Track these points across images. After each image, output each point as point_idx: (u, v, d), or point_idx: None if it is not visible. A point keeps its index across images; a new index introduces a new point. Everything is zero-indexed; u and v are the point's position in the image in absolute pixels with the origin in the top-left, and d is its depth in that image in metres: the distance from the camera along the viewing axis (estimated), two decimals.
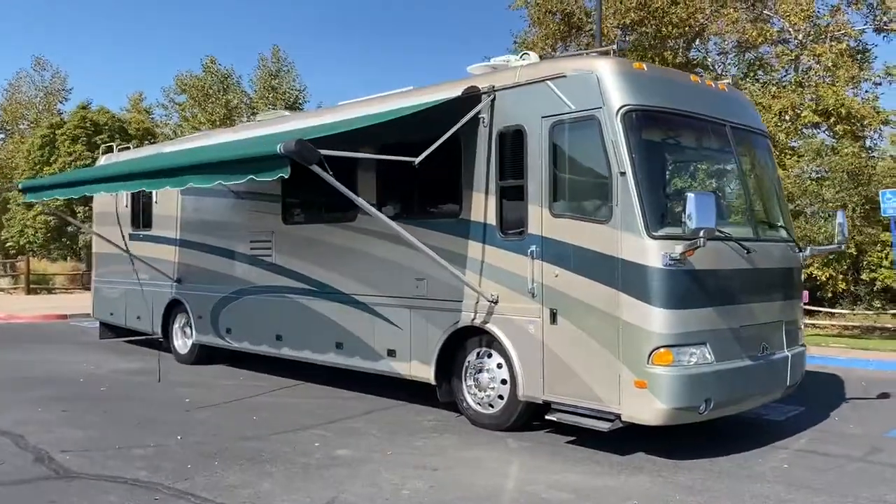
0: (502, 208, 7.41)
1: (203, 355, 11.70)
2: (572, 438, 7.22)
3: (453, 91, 7.72)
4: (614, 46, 6.92)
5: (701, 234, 5.95)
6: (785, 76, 22.95)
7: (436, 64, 77.12)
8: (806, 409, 8.55)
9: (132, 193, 12.61)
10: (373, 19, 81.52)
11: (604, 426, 6.52)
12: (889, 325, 18.76)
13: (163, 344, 12.36)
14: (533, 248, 7.05)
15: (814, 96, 20.64)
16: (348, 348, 8.97)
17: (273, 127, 9.88)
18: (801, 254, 7.81)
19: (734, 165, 7.43)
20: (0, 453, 6.75)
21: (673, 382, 6.23)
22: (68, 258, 33.31)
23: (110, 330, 14.41)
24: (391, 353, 8.45)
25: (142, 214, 12.77)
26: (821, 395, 9.32)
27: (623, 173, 6.35)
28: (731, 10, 22.08)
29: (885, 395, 9.75)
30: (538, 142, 7.03)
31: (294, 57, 59.97)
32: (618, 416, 6.49)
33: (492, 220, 7.47)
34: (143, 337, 14.09)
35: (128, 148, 14.51)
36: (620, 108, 6.47)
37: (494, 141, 7.44)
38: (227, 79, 37.16)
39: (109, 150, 14.33)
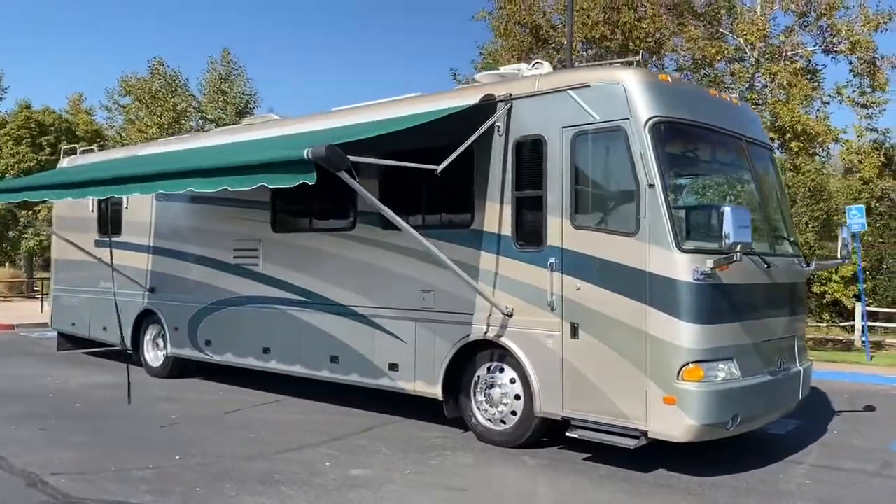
0: (518, 219, 7.22)
1: (176, 368, 11.19)
2: (588, 455, 7.07)
3: (466, 98, 7.51)
4: (638, 58, 6.79)
5: (738, 248, 5.88)
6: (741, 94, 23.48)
7: (396, 73, 76.96)
8: (803, 423, 8.59)
9: (99, 198, 12.04)
10: (329, 27, 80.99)
11: (630, 443, 6.38)
12: (840, 338, 19.31)
13: (132, 356, 11.79)
14: (552, 260, 6.89)
15: (770, 113, 21.14)
16: (345, 362, 8.64)
17: (265, 131, 9.49)
18: (807, 268, 7.84)
19: (751, 179, 7.42)
20: None
21: (703, 398, 6.13)
22: (6, 265, 31.81)
23: (68, 341, 13.73)
24: (393, 367, 8.17)
25: (110, 220, 12.14)
26: (811, 408, 9.38)
27: (651, 185, 6.24)
28: (692, 27, 22.53)
29: (870, 408, 9.91)
30: (559, 152, 6.88)
31: (245, 62, 58.94)
32: (644, 433, 6.35)
33: (507, 230, 7.28)
34: (104, 349, 13.49)
35: (92, 150, 13.89)
36: (649, 119, 6.36)
37: (511, 150, 7.26)
38: (174, 81, 36.14)
39: (72, 151, 13.65)
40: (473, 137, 7.04)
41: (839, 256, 7.97)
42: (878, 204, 23.52)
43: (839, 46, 23.76)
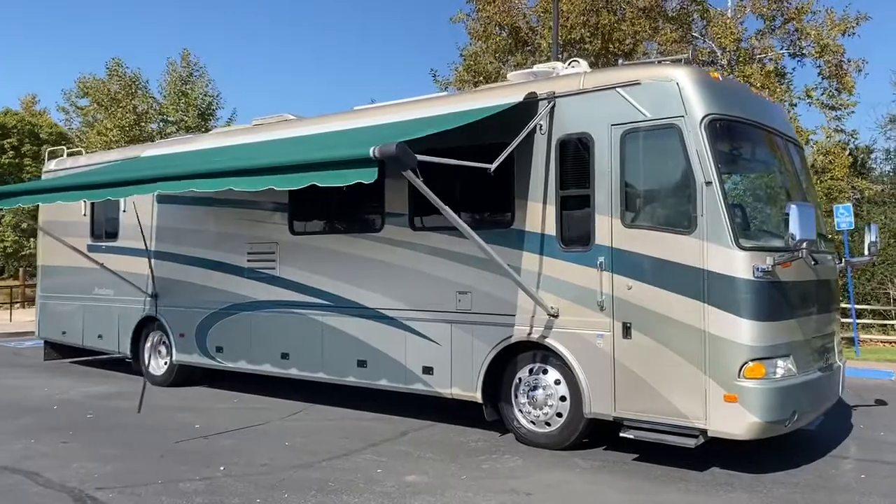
0: (563, 218, 7.14)
1: (181, 376, 10.83)
2: (636, 455, 7.02)
3: (506, 97, 7.41)
4: (687, 55, 6.78)
5: (803, 245, 5.90)
6: None
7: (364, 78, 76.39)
8: (825, 418, 8.66)
9: (92, 202, 11.64)
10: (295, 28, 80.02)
11: (690, 442, 6.34)
12: None
13: (132, 365, 11.42)
14: (601, 259, 6.82)
15: None
16: (374, 367, 8.45)
17: (287, 131, 9.21)
18: (839, 264, 7.94)
19: (794, 176, 7.49)
20: (26, 494, 5.91)
21: (765, 395, 6.13)
22: None
23: (55, 350, 13.24)
24: (427, 370, 8.01)
25: (105, 224, 11.75)
26: None
27: (709, 183, 6.23)
28: (668, 30, 22.82)
29: (882, 402, 10.09)
30: (607, 150, 6.83)
31: (207, 62, 57.58)
32: (703, 432, 6.33)
33: (550, 230, 7.19)
34: (95, 357, 13.09)
35: (79, 152, 13.42)
36: (705, 117, 6.35)
37: (554, 148, 7.18)
38: (134, 83, 35.19)
39: (56, 154, 13.12)
40: (523, 134, 6.94)
41: (867, 253, 8.08)
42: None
43: (806, 50, 24.36)
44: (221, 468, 6.60)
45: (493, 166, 6.63)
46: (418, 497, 5.84)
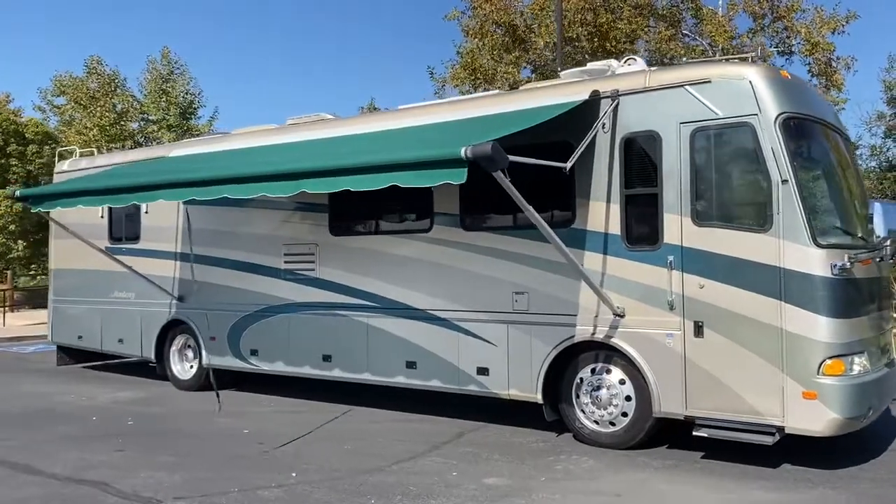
0: (628, 217, 7.11)
1: (210, 380, 10.60)
2: (703, 453, 7.02)
3: (564, 95, 7.36)
4: (755, 53, 6.80)
5: (888, 242, 5.94)
6: None
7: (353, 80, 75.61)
8: None
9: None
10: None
11: (768, 440, 6.35)
12: None
13: (157, 370, 11.19)
14: (671, 258, 6.80)
15: None
16: (424, 368, 8.35)
17: (330, 130, 9.06)
18: (890, 260, 8.02)
19: (855, 172, 7.55)
20: None
21: (845, 392, 6.17)
22: None
23: (68, 355, 12.95)
24: (482, 371, 7.94)
25: (125, 226, 11.49)
26: None
27: (785, 181, 6.24)
28: (662, 28, 22.99)
29: None
30: (676, 149, 6.81)
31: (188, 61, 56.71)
32: (779, 429, 6.35)
33: (615, 229, 7.16)
34: (104, 362, 12.84)
35: (91, 152, 13.12)
36: (779, 115, 6.36)
37: (618, 147, 7.14)
38: (113, 81, 34.54)
39: (67, 154, 12.80)
40: (592, 133, 6.90)
41: None
42: None
43: (795, 47, 24.68)
44: (294, 474, 6.47)
45: (568, 165, 6.59)
46: (506, 500, 5.78)
